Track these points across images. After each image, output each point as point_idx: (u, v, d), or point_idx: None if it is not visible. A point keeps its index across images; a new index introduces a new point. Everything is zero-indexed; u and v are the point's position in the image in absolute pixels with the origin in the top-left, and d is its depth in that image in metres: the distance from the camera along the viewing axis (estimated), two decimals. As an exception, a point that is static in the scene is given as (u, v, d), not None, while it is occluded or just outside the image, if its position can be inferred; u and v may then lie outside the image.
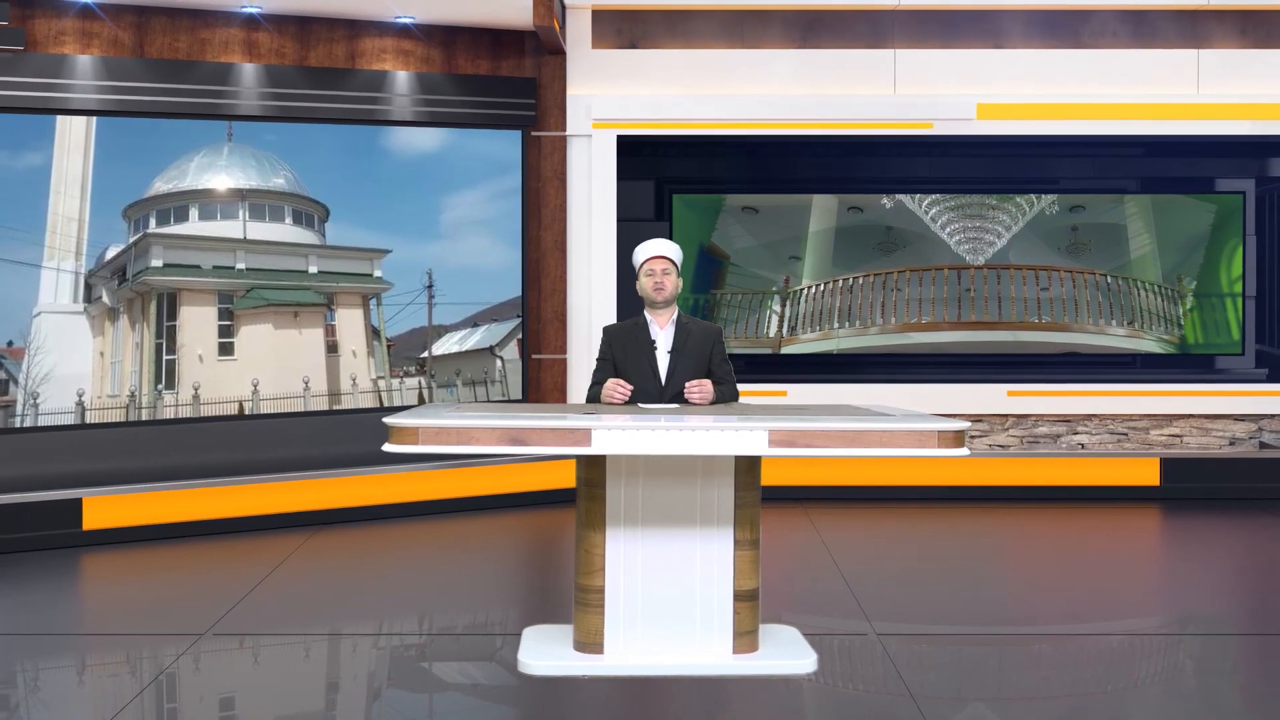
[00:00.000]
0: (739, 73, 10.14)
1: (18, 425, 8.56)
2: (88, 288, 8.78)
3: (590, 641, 5.41)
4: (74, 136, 8.75)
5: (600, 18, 10.16)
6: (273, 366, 9.30)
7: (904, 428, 5.01)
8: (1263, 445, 10.22)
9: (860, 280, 10.55)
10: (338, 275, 9.48)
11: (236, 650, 5.94)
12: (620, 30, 10.20)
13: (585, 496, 5.43)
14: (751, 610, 5.45)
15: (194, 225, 9.08)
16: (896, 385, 10.01)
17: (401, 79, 9.55)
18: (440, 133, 9.75)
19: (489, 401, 9.92)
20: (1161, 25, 10.25)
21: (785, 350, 10.57)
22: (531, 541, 8.62)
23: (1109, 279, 10.46)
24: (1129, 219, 10.48)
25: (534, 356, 10.12)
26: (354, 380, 9.56)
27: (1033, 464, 9.81)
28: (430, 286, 9.73)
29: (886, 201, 10.52)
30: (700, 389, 5.70)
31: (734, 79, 10.13)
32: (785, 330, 10.55)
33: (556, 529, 8.70)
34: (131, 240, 8.89)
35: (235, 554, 7.92)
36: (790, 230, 10.55)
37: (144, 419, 8.92)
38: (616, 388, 5.70)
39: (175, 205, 9.03)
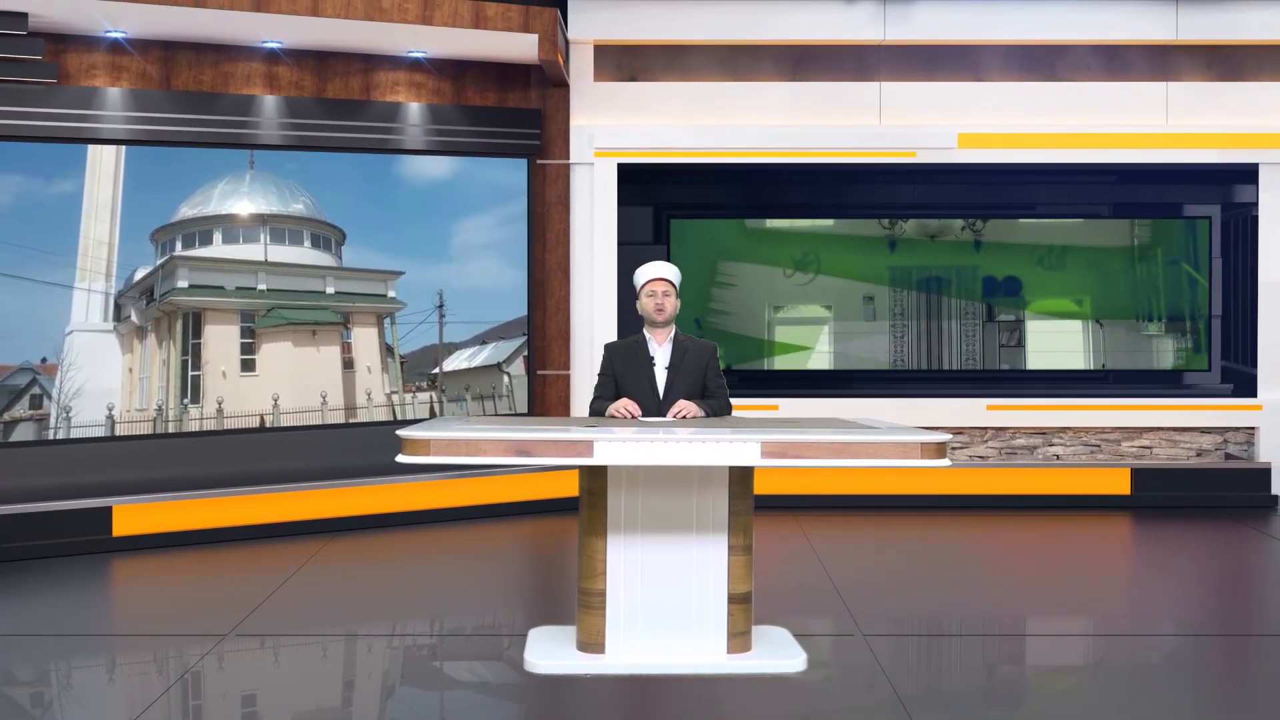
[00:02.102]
0: (733, 104, 10.18)
1: (51, 437, 8.58)
2: (117, 307, 8.80)
3: (592, 642, 5.43)
4: (104, 165, 8.77)
5: (602, 52, 10.21)
6: (292, 382, 9.32)
7: (889, 440, 5.04)
8: (1228, 456, 10.23)
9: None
10: (353, 296, 9.50)
11: (258, 650, 5.96)
12: (621, 64, 10.24)
13: (587, 505, 5.45)
14: (745, 612, 5.47)
15: (218, 248, 9.10)
16: (882, 399, 10.03)
17: (414, 110, 9.59)
18: (450, 161, 9.77)
19: (496, 415, 9.94)
20: (1133, 60, 10.30)
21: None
22: (536, 547, 8.63)
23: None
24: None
25: (539, 372, 10.14)
26: (369, 395, 9.57)
27: (1010, 474, 9.82)
28: (441, 306, 9.75)
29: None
30: (685, 411, 5.73)
31: (729, 110, 10.17)
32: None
33: (560, 535, 8.71)
34: (159, 263, 8.92)
35: (256, 559, 7.94)
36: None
37: (170, 431, 8.93)
38: (628, 409, 5.73)
39: (200, 230, 9.06)
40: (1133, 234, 10.58)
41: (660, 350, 5.93)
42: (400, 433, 5.06)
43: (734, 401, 6.17)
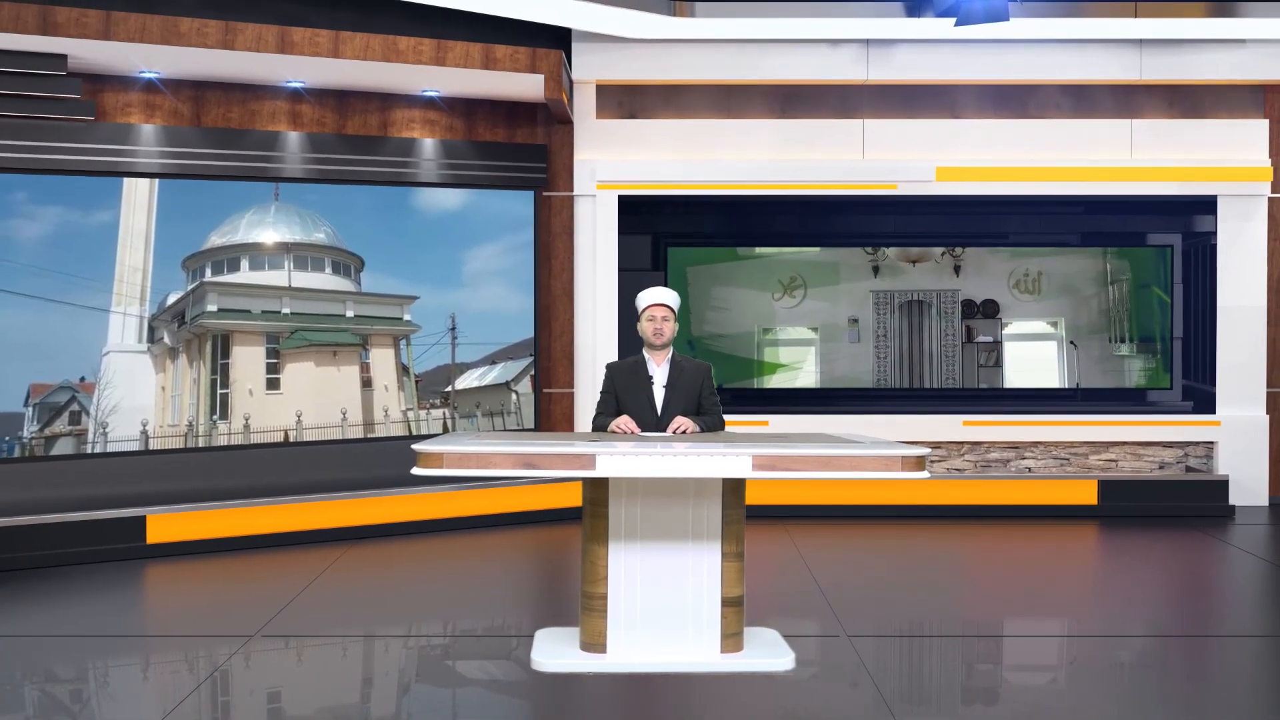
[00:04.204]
0: (726, 140, 10.23)
1: (89, 451, 8.61)
2: (151, 330, 8.83)
3: (595, 642, 5.46)
4: (139, 196, 8.82)
5: (604, 92, 10.27)
6: (314, 399, 9.34)
7: (872, 453, 5.07)
8: (1188, 469, 10.26)
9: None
10: (371, 319, 9.54)
11: (282, 650, 5.98)
12: (621, 103, 10.30)
13: (590, 514, 5.48)
14: (737, 615, 5.49)
15: (245, 275, 9.14)
16: (866, 416, 10.05)
17: (428, 145, 9.64)
18: (462, 193, 9.81)
19: (505, 431, 9.96)
20: (1099, 98, 10.36)
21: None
22: (542, 554, 8.64)
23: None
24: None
25: (545, 390, 10.17)
26: (386, 412, 9.60)
27: (985, 485, 9.83)
28: (453, 329, 9.78)
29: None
30: (682, 427, 5.77)
31: (722, 146, 10.22)
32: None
33: (564, 543, 8.72)
34: (190, 288, 8.96)
35: (281, 565, 7.96)
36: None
37: (200, 446, 8.96)
38: (628, 426, 5.77)
39: (228, 257, 9.10)
40: (1105, 260, 10.62)
41: (658, 370, 5.97)
42: (415, 447, 5.10)
43: (727, 417, 6.20)
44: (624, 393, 5.97)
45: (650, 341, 5.96)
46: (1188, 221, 10.69)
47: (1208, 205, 10.36)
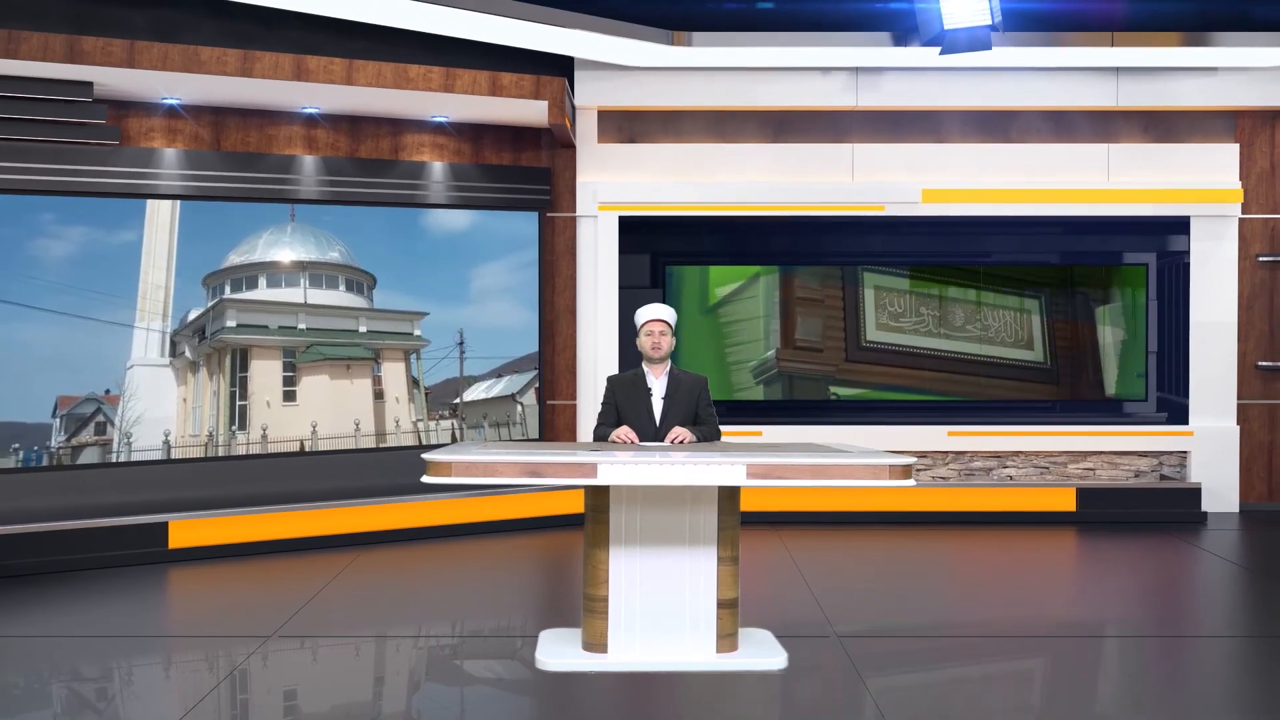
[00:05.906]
0: (722, 163, 10.26)
1: (114, 460, 8.64)
2: (173, 344, 8.86)
3: (597, 643, 5.47)
4: (161, 217, 8.85)
5: (605, 117, 10.31)
6: (329, 411, 9.37)
7: (861, 462, 5.09)
8: (1163, 478, 10.27)
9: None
10: (383, 334, 9.56)
11: (298, 650, 5.99)
12: (621, 128, 10.34)
13: (592, 520, 5.50)
14: (732, 616, 5.51)
15: (262, 292, 9.17)
16: (855, 427, 10.06)
17: (437, 168, 9.67)
18: (469, 214, 9.85)
19: (511, 440, 9.98)
20: (1078, 124, 10.40)
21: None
22: (546, 558, 8.65)
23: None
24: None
25: (549, 402, 10.19)
26: (397, 422, 9.62)
27: (969, 493, 9.85)
28: (461, 343, 9.80)
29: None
30: (680, 437, 5.80)
31: (717, 169, 10.25)
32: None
33: (567, 547, 8.73)
34: (210, 304, 8.99)
35: (297, 569, 7.97)
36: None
37: (220, 455, 8.98)
38: (628, 436, 5.80)
39: (247, 275, 9.13)
40: (1088, 278, 10.65)
41: (657, 382, 6.00)
42: (425, 456, 5.12)
43: (722, 428, 6.22)
44: (624, 404, 6.00)
45: (649, 355, 5.99)
46: (1162, 241, 10.71)
47: (1181, 226, 10.39)
